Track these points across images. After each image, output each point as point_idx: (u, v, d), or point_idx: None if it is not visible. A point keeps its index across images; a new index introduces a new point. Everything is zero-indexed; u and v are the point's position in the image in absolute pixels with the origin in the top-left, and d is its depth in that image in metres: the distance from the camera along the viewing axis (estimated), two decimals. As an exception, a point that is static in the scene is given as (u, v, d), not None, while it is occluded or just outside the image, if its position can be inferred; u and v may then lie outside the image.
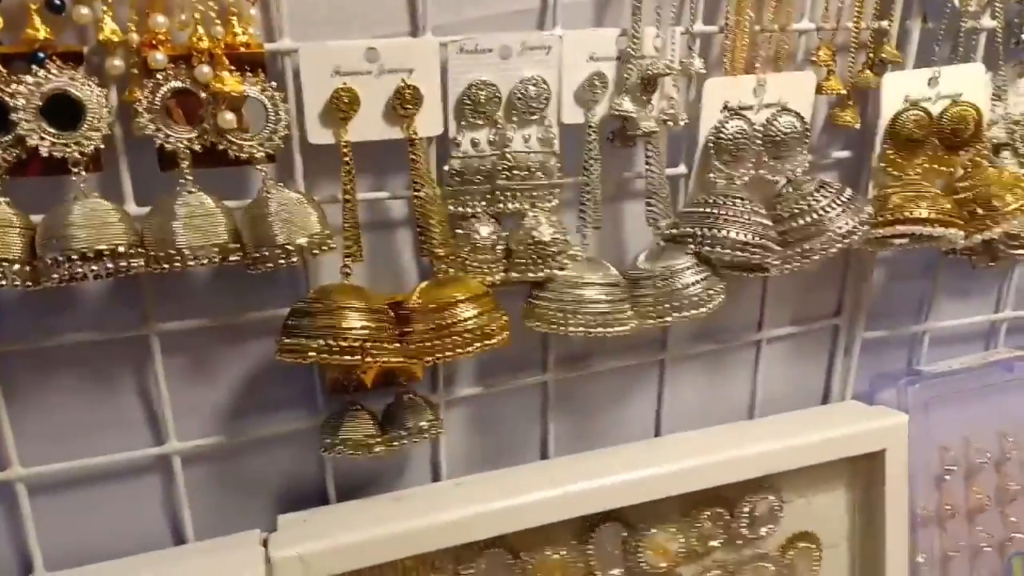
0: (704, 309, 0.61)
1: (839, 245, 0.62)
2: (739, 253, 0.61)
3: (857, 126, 0.66)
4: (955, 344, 0.82)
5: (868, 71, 0.65)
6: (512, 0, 0.58)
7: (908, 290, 0.78)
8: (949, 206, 0.64)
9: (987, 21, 0.67)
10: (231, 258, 0.51)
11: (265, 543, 0.59)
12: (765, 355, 0.75)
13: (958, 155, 0.67)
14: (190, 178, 0.51)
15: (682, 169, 0.65)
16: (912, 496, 0.75)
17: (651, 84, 0.59)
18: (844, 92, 0.65)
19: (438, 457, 0.67)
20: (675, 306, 0.61)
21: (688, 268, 0.61)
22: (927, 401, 0.76)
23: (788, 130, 0.63)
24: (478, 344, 0.56)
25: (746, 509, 0.69)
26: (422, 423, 0.60)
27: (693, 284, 0.61)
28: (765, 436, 0.70)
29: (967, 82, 0.67)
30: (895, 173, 0.67)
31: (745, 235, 0.61)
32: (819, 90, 0.65)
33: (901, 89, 0.65)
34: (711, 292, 0.62)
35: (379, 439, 0.59)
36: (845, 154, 0.70)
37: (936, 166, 0.68)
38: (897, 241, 0.66)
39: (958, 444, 0.78)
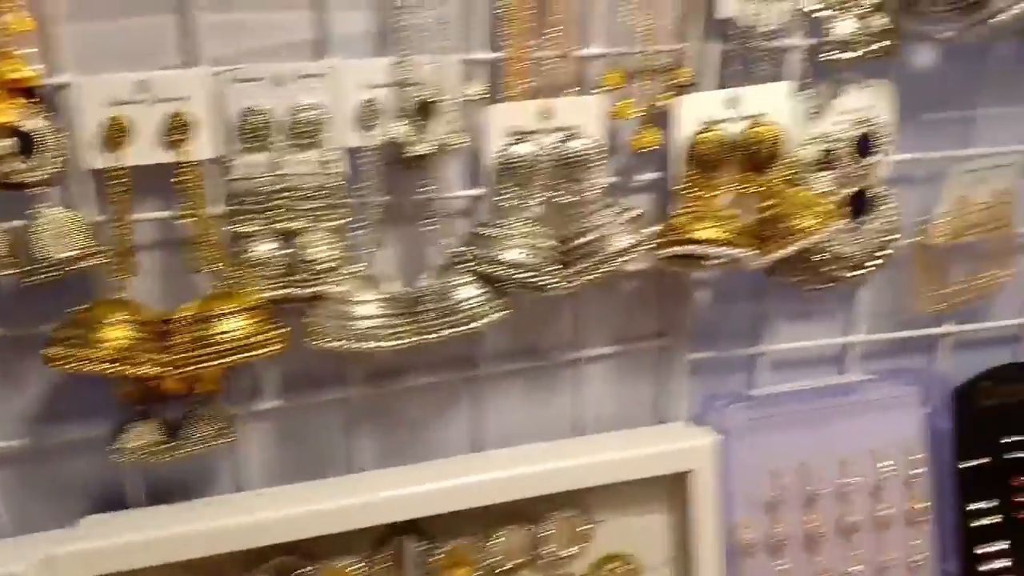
0: (480, 323, 0.63)
1: (616, 263, 0.64)
2: (515, 274, 0.63)
3: (655, 148, 0.67)
4: (804, 368, 0.81)
5: (666, 94, 0.67)
6: (289, 31, 0.61)
7: (742, 312, 0.78)
8: (733, 227, 0.65)
9: (797, 40, 0.68)
10: (5, 272, 0.56)
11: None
12: (591, 375, 0.76)
13: (763, 176, 0.68)
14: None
15: (478, 191, 0.67)
16: (733, 522, 0.75)
17: (425, 110, 0.61)
18: (640, 116, 0.66)
19: (239, 469, 0.70)
20: (451, 321, 0.63)
21: (464, 284, 0.63)
22: (754, 424, 0.76)
23: (578, 153, 0.65)
24: (239, 355, 0.59)
25: (550, 526, 0.71)
26: (208, 433, 0.63)
27: (469, 299, 0.63)
28: (571, 453, 0.71)
29: (771, 102, 0.67)
30: (697, 194, 0.68)
31: (520, 256, 0.63)
32: (613, 114, 0.66)
33: (697, 111, 0.66)
34: (488, 308, 0.63)
35: (163, 447, 0.62)
36: (655, 176, 0.71)
37: (743, 187, 0.68)
38: (684, 264, 0.67)
39: (792, 470, 0.77)
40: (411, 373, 0.71)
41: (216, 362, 0.58)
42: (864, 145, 0.70)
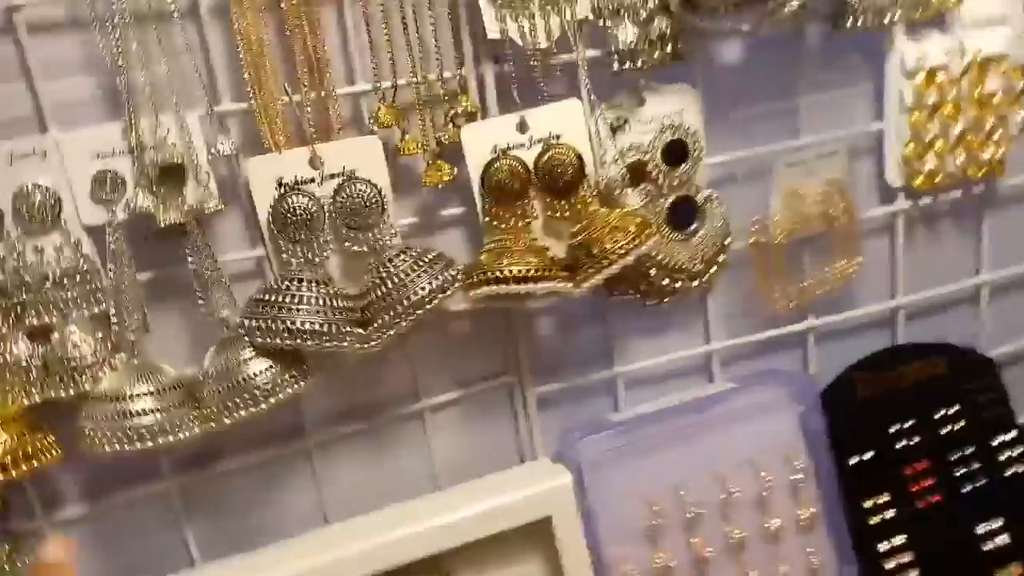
0: (270, 402, 0.57)
1: (419, 311, 0.58)
2: (303, 342, 0.56)
3: (449, 181, 0.61)
4: (666, 385, 0.76)
5: (451, 125, 0.61)
6: (2, 108, 0.54)
7: (589, 337, 0.73)
8: (538, 260, 0.59)
9: (578, 54, 0.62)
10: None
11: None
12: (439, 424, 0.71)
13: (570, 199, 0.63)
14: None
15: (261, 251, 0.61)
16: (610, 558, 0.70)
17: (171, 174, 0.55)
18: (423, 151, 0.61)
19: (60, 582, 0.63)
20: (243, 400, 0.57)
21: (249, 360, 0.57)
22: (617, 451, 0.70)
23: (360, 199, 0.59)
24: (8, 471, 0.53)
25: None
26: (-5, 560, 0.57)
27: (257, 375, 0.57)
28: (420, 514, 0.65)
29: (564, 122, 0.62)
30: (502, 227, 0.62)
31: (307, 323, 0.56)
32: (398, 152, 0.60)
33: (485, 140, 0.61)
34: (283, 379, 0.57)
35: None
36: (459, 211, 0.66)
37: (551, 213, 0.63)
38: (505, 299, 0.61)
39: (667, 494, 0.72)
40: (233, 453, 0.65)
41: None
42: (674, 152, 0.65)
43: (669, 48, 0.62)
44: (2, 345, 0.54)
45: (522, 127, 0.61)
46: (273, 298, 0.57)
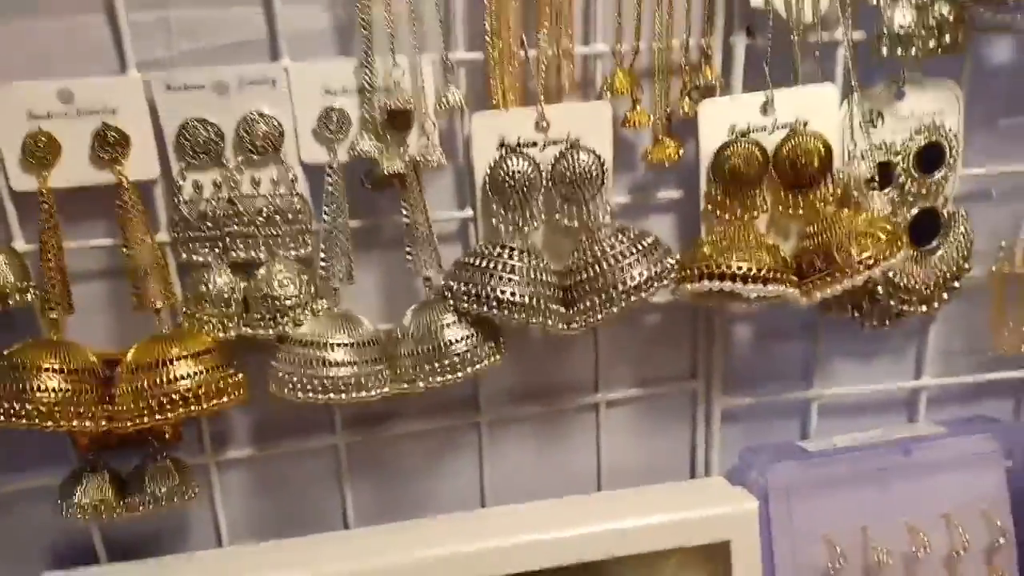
0: (467, 371, 0.54)
1: (631, 299, 0.53)
2: (510, 314, 0.53)
3: (674, 162, 0.56)
4: (863, 417, 0.69)
5: (686, 98, 0.56)
6: (233, 31, 0.52)
7: (789, 353, 0.67)
8: (770, 259, 0.54)
9: (839, 34, 0.56)
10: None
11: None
12: (613, 421, 0.66)
13: (806, 195, 0.56)
14: None
15: (469, 213, 0.58)
16: (781, 595, 0.64)
17: (398, 120, 0.52)
18: (655, 124, 0.56)
19: (218, 521, 0.62)
20: (436, 368, 0.54)
21: (451, 325, 0.54)
22: (806, 482, 0.64)
23: (581, 169, 0.55)
24: (191, 408, 0.51)
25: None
26: (163, 490, 0.55)
27: (457, 342, 0.54)
28: (589, 517, 0.61)
29: (815, 107, 0.56)
30: (727, 217, 0.57)
31: (516, 294, 0.53)
32: (625, 123, 0.56)
33: (724, 118, 0.55)
34: (480, 352, 0.54)
35: (114, 505, 0.55)
36: (676, 194, 0.61)
37: (782, 208, 0.57)
38: (717, 298, 0.56)
39: (850, 537, 0.65)
40: (405, 417, 0.63)
41: (164, 416, 0.50)
42: (929, 157, 0.58)
43: (947, 38, 0.55)
44: (206, 275, 0.53)
45: (766, 109, 0.55)
46: (483, 263, 0.54)
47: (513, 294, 0.53)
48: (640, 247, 0.54)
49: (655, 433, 0.68)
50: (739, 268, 0.53)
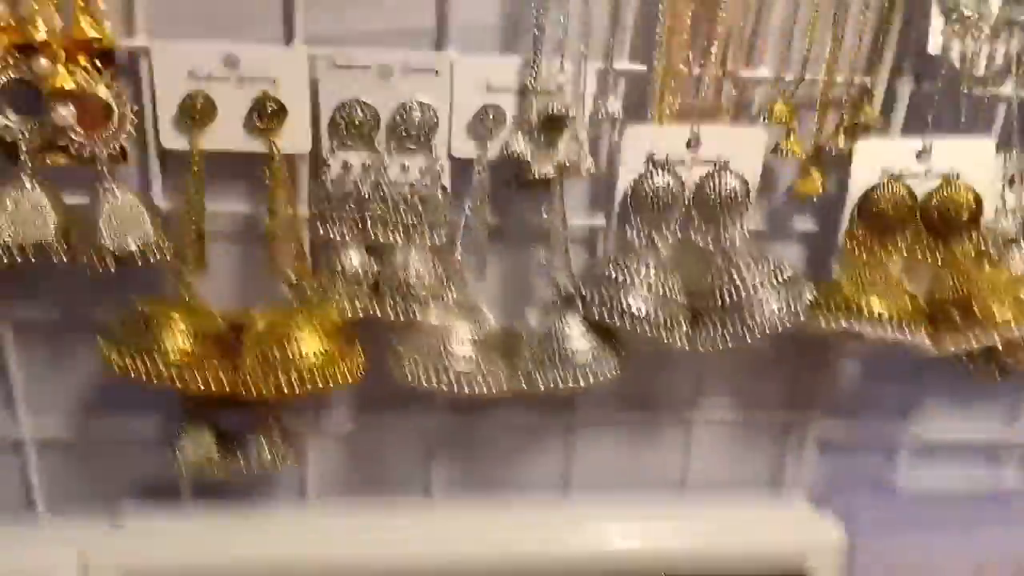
0: (586, 382, 0.54)
1: (763, 330, 0.53)
2: (635, 326, 0.53)
3: (815, 198, 0.56)
4: (956, 458, 0.69)
5: (841, 134, 0.55)
6: (405, 15, 0.51)
7: (890, 391, 0.66)
8: (910, 305, 0.53)
9: (1006, 89, 0.55)
10: (54, 257, 0.49)
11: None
12: (702, 436, 0.66)
13: (948, 246, 0.56)
14: (28, 171, 0.49)
15: (601, 221, 0.57)
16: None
17: (553, 124, 0.51)
18: (805, 156, 0.55)
19: (306, 478, 0.63)
20: (557, 376, 0.54)
21: (575, 333, 0.54)
22: (889, 519, 0.64)
23: (725, 192, 0.54)
24: (315, 384, 0.51)
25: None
26: (267, 456, 0.56)
27: (578, 352, 0.54)
28: (672, 532, 0.62)
29: (969, 159, 0.55)
30: (863, 257, 0.56)
31: (645, 308, 0.52)
32: (776, 152, 0.55)
33: (878, 159, 0.54)
34: (601, 366, 0.54)
35: (217, 463, 0.56)
36: (811, 228, 0.60)
37: (921, 255, 0.56)
38: (842, 335, 0.55)
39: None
40: (500, 406, 0.62)
41: (291, 390, 0.51)
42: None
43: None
44: (342, 253, 0.53)
45: (922, 155, 0.55)
46: (617, 276, 0.53)
47: (640, 309, 0.53)
48: (778, 280, 0.53)
49: (744, 456, 0.68)
50: (879, 312, 0.52)
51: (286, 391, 0.51)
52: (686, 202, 0.55)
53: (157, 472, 0.61)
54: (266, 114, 0.50)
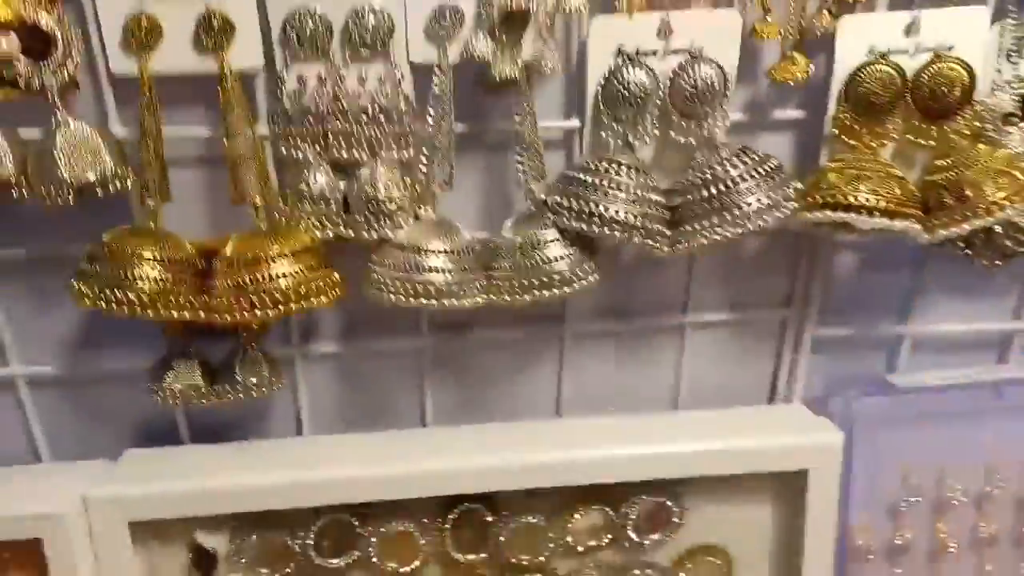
0: (564, 291, 0.52)
1: (746, 226, 0.51)
2: (614, 233, 0.51)
3: (793, 82, 0.52)
4: (958, 353, 0.67)
5: (825, 12, 0.51)
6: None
7: (889, 285, 0.64)
8: (900, 191, 0.50)
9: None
10: (14, 193, 0.49)
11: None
12: (698, 342, 0.65)
13: (941, 125, 0.53)
14: (-22, 105, 0.48)
15: (576, 123, 0.55)
16: (848, 525, 0.64)
17: (514, 20, 0.49)
18: (785, 38, 0.52)
19: (300, 410, 0.64)
20: (533, 283, 0.52)
21: (553, 241, 0.52)
22: (889, 416, 0.63)
23: (701, 82, 0.51)
24: (290, 305, 0.51)
25: (632, 510, 0.61)
26: (253, 379, 0.56)
27: (556, 260, 0.52)
28: (668, 436, 0.61)
29: (962, 32, 0.51)
30: (851, 143, 0.53)
31: (623, 213, 0.51)
32: (754, 34, 0.52)
33: (864, 37, 0.51)
34: (579, 271, 0.53)
35: (204, 391, 0.56)
36: (797, 115, 0.57)
37: (913, 137, 0.54)
38: (832, 228, 0.53)
39: (927, 472, 0.65)
40: (488, 324, 0.62)
41: (264, 313, 0.50)
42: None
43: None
44: (306, 173, 0.52)
45: (911, 29, 0.51)
46: (589, 179, 0.51)
47: (616, 212, 0.51)
48: (761, 171, 0.51)
49: (739, 358, 0.66)
50: (867, 200, 0.50)
51: (260, 315, 0.51)
52: (661, 96, 0.52)
53: (154, 417, 0.62)
54: (212, 30, 0.48)
